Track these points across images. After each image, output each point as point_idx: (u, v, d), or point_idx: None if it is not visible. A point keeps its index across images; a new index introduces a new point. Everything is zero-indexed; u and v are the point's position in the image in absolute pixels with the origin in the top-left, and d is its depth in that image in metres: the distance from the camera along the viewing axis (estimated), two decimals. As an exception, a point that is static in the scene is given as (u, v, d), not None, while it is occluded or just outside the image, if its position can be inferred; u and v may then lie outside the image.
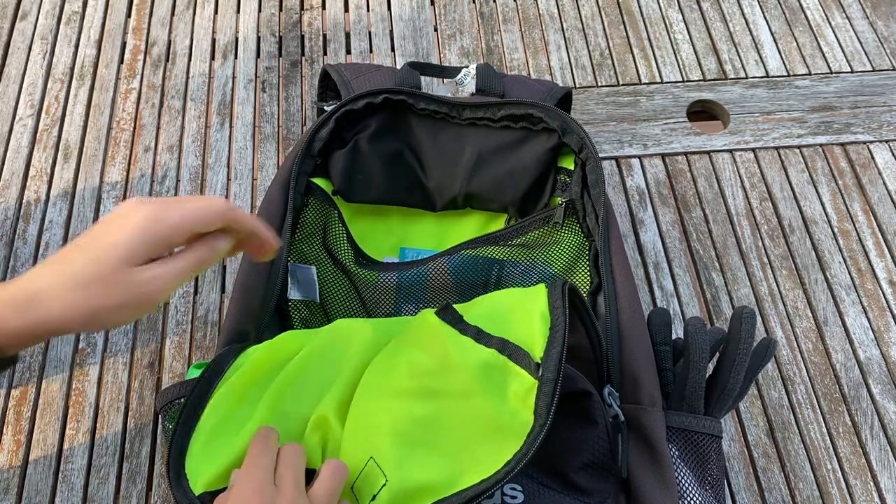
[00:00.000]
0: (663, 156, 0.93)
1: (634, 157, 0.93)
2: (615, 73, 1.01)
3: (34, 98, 0.97)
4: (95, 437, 0.74)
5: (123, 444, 0.74)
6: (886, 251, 0.86)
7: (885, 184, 0.91)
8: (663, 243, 0.86)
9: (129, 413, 0.75)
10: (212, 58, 1.02)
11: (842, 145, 0.94)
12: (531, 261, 0.68)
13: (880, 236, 0.87)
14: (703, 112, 0.99)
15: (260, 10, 1.07)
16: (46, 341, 0.79)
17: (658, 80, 1.00)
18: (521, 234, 0.69)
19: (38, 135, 0.94)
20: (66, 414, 0.75)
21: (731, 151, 0.94)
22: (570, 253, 0.68)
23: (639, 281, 0.84)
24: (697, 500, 0.53)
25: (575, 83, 0.99)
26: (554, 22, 1.06)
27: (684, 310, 0.82)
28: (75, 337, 0.79)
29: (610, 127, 0.95)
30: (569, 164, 0.70)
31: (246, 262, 0.62)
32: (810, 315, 0.82)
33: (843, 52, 1.03)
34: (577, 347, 0.53)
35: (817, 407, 0.77)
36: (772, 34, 1.05)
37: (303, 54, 1.02)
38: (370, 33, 1.04)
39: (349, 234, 0.69)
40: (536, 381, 0.44)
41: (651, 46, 1.03)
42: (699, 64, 1.01)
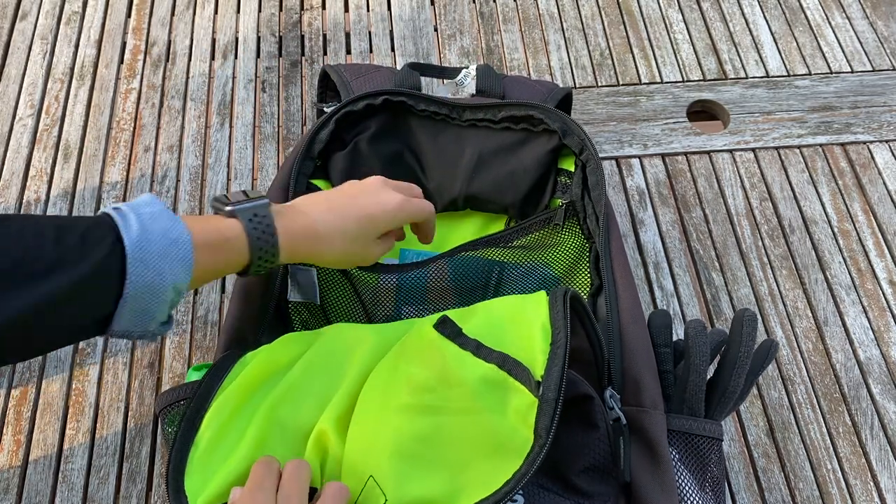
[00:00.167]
0: (663, 156, 0.93)
1: (634, 157, 0.93)
2: (615, 73, 1.00)
3: (34, 98, 0.97)
4: (95, 437, 0.74)
5: (123, 444, 0.74)
6: (886, 251, 0.86)
7: (885, 184, 0.91)
8: (663, 243, 0.86)
9: (129, 413, 0.75)
10: (212, 58, 1.02)
11: (842, 145, 0.94)
12: (531, 263, 0.68)
13: (880, 236, 0.87)
14: (703, 112, 0.99)
15: (260, 10, 1.06)
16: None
17: (658, 80, 1.00)
18: (522, 236, 0.68)
19: (38, 135, 0.94)
20: (66, 414, 0.75)
21: (731, 151, 0.94)
22: (571, 255, 0.68)
23: (639, 281, 0.84)
24: (697, 503, 0.53)
25: (575, 83, 0.99)
26: (554, 22, 1.05)
27: (684, 310, 0.82)
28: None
29: (610, 127, 0.95)
30: (569, 165, 0.70)
31: None
32: (810, 315, 0.82)
33: (843, 52, 1.03)
34: (577, 350, 0.53)
35: (817, 407, 0.77)
36: (772, 34, 1.05)
37: (303, 54, 1.02)
38: (370, 33, 1.04)
39: None
40: (537, 399, 0.44)
41: (651, 46, 1.03)
42: (699, 64, 1.01)
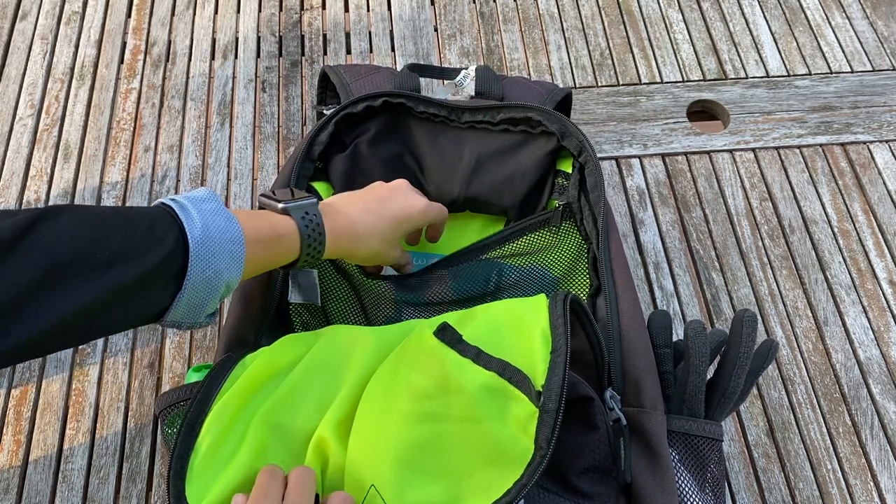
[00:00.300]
0: (663, 156, 0.93)
1: (634, 157, 0.93)
2: (615, 73, 1.00)
3: (34, 98, 0.97)
4: (95, 437, 0.74)
5: (123, 444, 0.74)
6: (886, 251, 0.86)
7: (885, 184, 0.91)
8: (663, 243, 0.86)
9: (129, 413, 0.75)
10: (212, 58, 1.02)
11: (842, 145, 0.94)
12: (531, 265, 0.68)
13: (880, 236, 0.87)
14: (703, 112, 0.99)
15: (260, 10, 1.06)
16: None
17: (658, 80, 1.00)
18: (519, 237, 0.68)
19: (38, 135, 0.94)
20: (66, 414, 0.75)
21: (731, 151, 0.94)
22: (569, 256, 0.68)
23: (639, 281, 0.84)
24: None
25: (575, 83, 0.99)
26: (554, 22, 1.05)
27: (684, 310, 0.82)
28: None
29: (610, 127, 0.95)
30: (567, 167, 0.70)
31: None
32: (810, 315, 0.82)
33: (843, 52, 1.03)
34: (578, 351, 0.53)
35: (817, 407, 0.77)
36: (772, 34, 1.05)
37: (303, 54, 1.02)
38: (370, 33, 1.04)
39: None
40: (537, 409, 0.44)
41: (651, 46, 1.03)
42: (699, 64, 1.01)
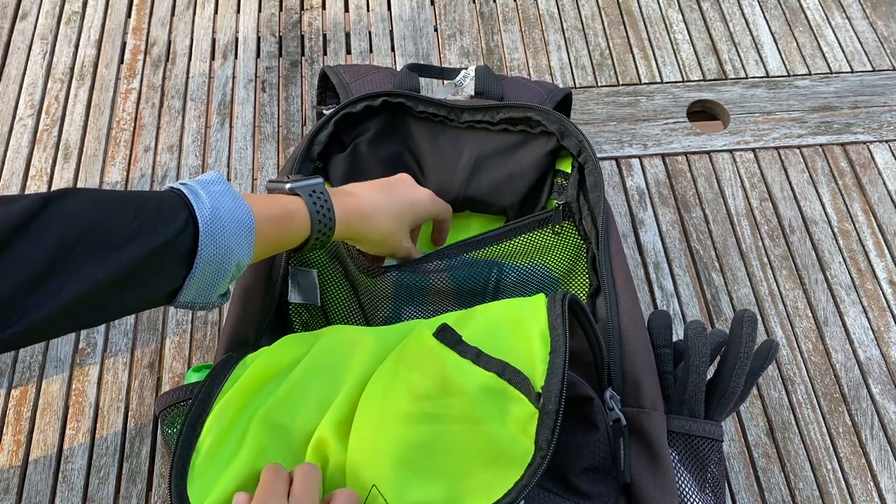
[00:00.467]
0: (663, 156, 0.93)
1: (634, 157, 0.93)
2: (615, 73, 1.00)
3: (34, 98, 0.97)
4: (95, 437, 0.74)
5: (123, 444, 0.74)
6: (886, 251, 0.86)
7: (885, 184, 0.91)
8: (663, 243, 0.86)
9: (129, 413, 0.75)
10: (212, 58, 1.02)
11: (842, 145, 0.94)
12: (531, 264, 0.68)
13: (880, 236, 0.87)
14: (703, 112, 0.99)
15: (260, 10, 1.06)
16: (46, 343, 0.79)
17: (658, 80, 1.00)
18: (518, 235, 0.68)
19: (38, 135, 0.94)
20: (66, 414, 0.75)
21: (731, 151, 0.94)
22: (569, 256, 0.68)
23: (639, 281, 0.84)
24: None
25: (575, 83, 0.99)
26: (554, 22, 1.05)
27: (684, 310, 0.82)
28: (75, 337, 0.79)
29: (610, 127, 0.95)
30: (566, 167, 0.70)
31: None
32: (810, 315, 0.82)
33: (843, 52, 1.03)
34: (577, 352, 0.53)
35: (817, 407, 0.77)
36: (772, 34, 1.05)
37: (303, 54, 1.02)
38: (370, 33, 1.04)
39: None
40: (537, 410, 0.45)
41: (651, 46, 1.03)
42: (699, 64, 1.01)
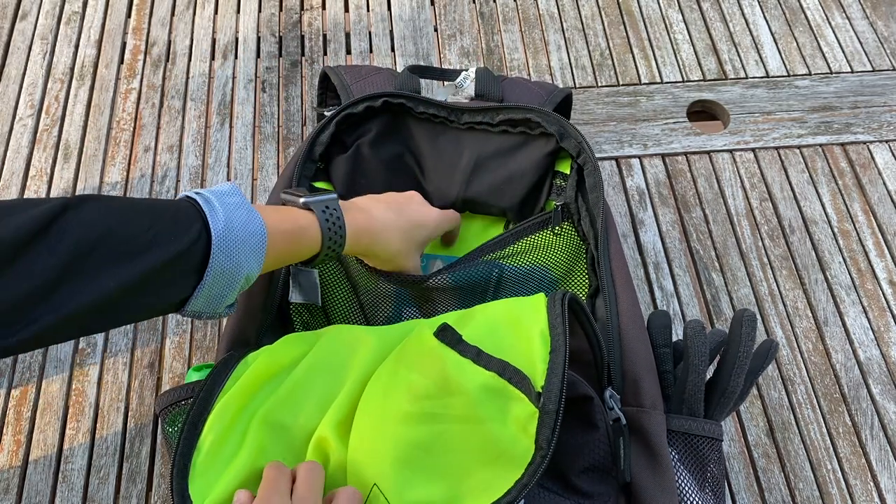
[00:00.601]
0: (663, 156, 0.93)
1: (634, 157, 0.93)
2: (615, 73, 1.00)
3: (34, 98, 0.97)
4: (95, 437, 0.74)
5: (123, 444, 0.74)
6: (886, 251, 0.86)
7: (885, 184, 0.91)
8: (663, 243, 0.86)
9: (129, 413, 0.75)
10: (212, 58, 1.02)
11: (842, 145, 0.94)
12: (530, 265, 0.68)
13: (880, 236, 0.87)
14: (703, 112, 0.99)
15: (260, 10, 1.07)
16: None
17: (658, 80, 1.00)
18: (519, 239, 0.68)
19: (38, 135, 0.94)
20: (66, 414, 0.75)
21: (731, 151, 0.94)
22: (568, 256, 0.68)
23: (639, 281, 0.84)
24: (697, 503, 0.53)
25: (575, 83, 0.99)
26: (554, 22, 1.05)
27: (684, 310, 0.82)
28: (75, 337, 0.79)
29: (610, 127, 0.95)
30: (566, 168, 0.70)
31: None
32: (810, 315, 0.82)
33: (843, 52, 1.03)
34: (577, 351, 0.53)
35: (817, 407, 0.77)
36: (772, 34, 1.05)
37: (303, 54, 1.02)
38: (370, 33, 1.04)
39: None
40: (537, 409, 0.45)
41: (651, 46, 1.03)
42: (699, 64, 1.01)
